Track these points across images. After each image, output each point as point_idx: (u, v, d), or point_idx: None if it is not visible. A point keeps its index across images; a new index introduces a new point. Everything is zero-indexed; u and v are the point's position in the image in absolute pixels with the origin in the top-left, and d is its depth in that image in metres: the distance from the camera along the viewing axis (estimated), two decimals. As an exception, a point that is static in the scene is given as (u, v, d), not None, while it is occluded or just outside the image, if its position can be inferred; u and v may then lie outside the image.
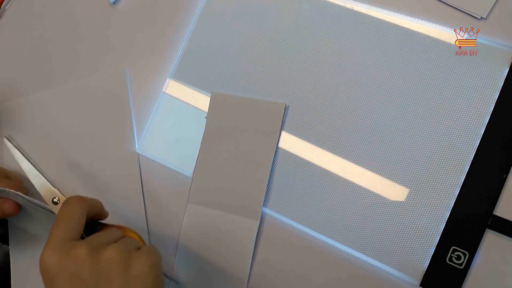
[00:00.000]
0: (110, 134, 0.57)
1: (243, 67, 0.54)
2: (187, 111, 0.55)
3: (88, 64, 0.60)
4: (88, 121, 0.58)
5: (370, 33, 0.51)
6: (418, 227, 0.45)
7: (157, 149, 0.55)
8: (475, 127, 0.46)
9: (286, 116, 0.51)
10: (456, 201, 0.44)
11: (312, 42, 0.52)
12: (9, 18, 0.65)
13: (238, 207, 0.50)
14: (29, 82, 0.62)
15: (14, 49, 0.64)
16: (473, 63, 0.47)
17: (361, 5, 0.52)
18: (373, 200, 0.47)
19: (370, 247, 0.46)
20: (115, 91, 0.58)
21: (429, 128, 0.47)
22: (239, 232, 0.49)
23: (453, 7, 0.49)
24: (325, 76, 0.51)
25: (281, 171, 0.50)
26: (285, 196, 0.49)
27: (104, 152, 0.56)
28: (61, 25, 0.63)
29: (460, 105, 0.47)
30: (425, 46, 0.49)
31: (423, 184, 0.46)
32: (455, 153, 0.46)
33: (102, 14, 0.61)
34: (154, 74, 0.57)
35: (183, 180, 0.53)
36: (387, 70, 0.49)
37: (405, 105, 0.48)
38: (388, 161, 0.47)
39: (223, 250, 0.49)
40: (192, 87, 0.55)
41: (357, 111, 0.49)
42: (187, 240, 0.51)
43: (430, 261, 0.44)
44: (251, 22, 0.55)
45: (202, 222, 0.51)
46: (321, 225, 0.47)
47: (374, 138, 0.48)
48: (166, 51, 0.58)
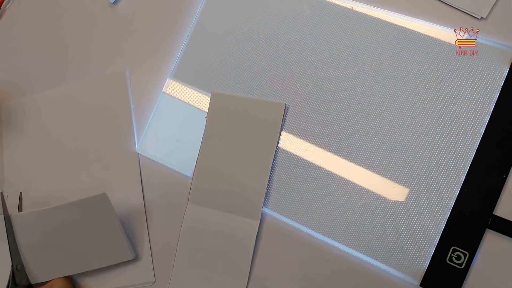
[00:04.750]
0: (110, 134, 0.57)
1: (243, 67, 0.54)
2: (187, 111, 0.55)
3: (88, 64, 0.60)
4: (88, 121, 0.58)
5: (370, 33, 0.51)
6: (418, 227, 0.45)
7: (157, 149, 0.55)
8: (475, 127, 0.46)
9: (286, 116, 0.51)
10: (456, 201, 0.44)
11: (312, 43, 0.52)
12: (9, 18, 0.65)
13: (238, 207, 0.50)
14: (29, 82, 0.62)
15: (14, 49, 0.64)
16: (473, 63, 0.47)
17: (361, 5, 0.52)
18: (373, 200, 0.47)
19: (370, 247, 0.46)
20: (115, 91, 0.58)
21: (429, 128, 0.47)
22: (239, 232, 0.49)
23: (453, 7, 0.49)
24: (325, 76, 0.51)
25: (281, 171, 0.50)
26: (285, 196, 0.49)
27: (104, 152, 0.56)
28: (60, 25, 0.63)
29: (460, 105, 0.47)
30: (425, 46, 0.49)
31: (423, 184, 0.46)
32: (455, 153, 0.46)
33: (102, 14, 0.61)
34: (154, 74, 0.57)
35: (183, 180, 0.53)
36: (387, 70, 0.49)
37: (405, 105, 0.48)
38: (388, 161, 0.47)
39: (223, 250, 0.49)
40: (192, 87, 0.55)
41: (357, 111, 0.49)
42: (187, 240, 0.51)
43: (430, 261, 0.44)
44: (251, 22, 0.55)
45: (202, 222, 0.51)
46: (321, 225, 0.47)
47: (374, 138, 0.48)
48: (166, 51, 0.58)
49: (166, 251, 0.51)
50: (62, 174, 0.57)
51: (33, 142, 0.59)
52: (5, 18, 0.66)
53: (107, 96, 0.58)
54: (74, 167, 0.57)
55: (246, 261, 0.49)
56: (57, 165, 0.57)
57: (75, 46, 0.62)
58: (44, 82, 0.61)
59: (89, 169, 0.56)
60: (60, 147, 0.58)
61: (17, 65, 0.63)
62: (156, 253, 0.52)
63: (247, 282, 0.48)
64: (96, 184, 0.55)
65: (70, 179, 0.56)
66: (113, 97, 0.58)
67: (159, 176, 0.54)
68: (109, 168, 0.56)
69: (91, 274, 0.52)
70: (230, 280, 0.49)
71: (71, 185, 0.56)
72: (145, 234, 0.52)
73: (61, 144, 0.58)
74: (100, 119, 0.57)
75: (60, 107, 0.59)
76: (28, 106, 0.60)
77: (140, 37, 0.59)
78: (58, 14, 0.63)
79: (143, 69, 0.58)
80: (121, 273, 0.52)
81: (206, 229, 0.50)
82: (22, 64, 0.63)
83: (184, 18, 0.58)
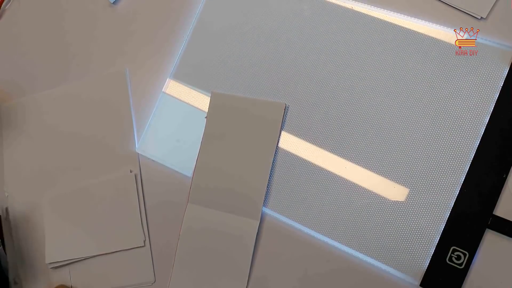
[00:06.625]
0: (110, 134, 0.57)
1: (243, 67, 0.54)
2: (187, 111, 0.55)
3: (88, 64, 0.60)
4: (88, 121, 0.58)
5: (370, 33, 0.51)
6: (418, 227, 0.45)
7: (157, 149, 0.55)
8: (475, 127, 0.46)
9: (286, 116, 0.51)
10: (456, 201, 0.44)
11: (312, 42, 0.52)
12: (9, 18, 0.65)
13: (238, 207, 0.50)
14: (30, 82, 0.62)
15: (14, 49, 0.64)
16: (473, 63, 0.47)
17: (361, 5, 0.52)
18: (373, 200, 0.47)
19: (370, 247, 0.46)
20: (115, 91, 0.58)
21: (429, 128, 0.47)
22: (239, 232, 0.49)
23: (453, 7, 0.49)
24: (325, 76, 0.51)
25: (281, 171, 0.50)
26: (285, 196, 0.49)
27: (104, 152, 0.56)
28: (61, 25, 0.63)
29: (460, 105, 0.47)
30: (425, 46, 0.49)
31: (423, 184, 0.46)
32: (455, 153, 0.46)
33: (102, 14, 0.61)
34: (154, 74, 0.57)
35: (183, 180, 0.53)
36: (387, 70, 0.49)
37: (405, 105, 0.48)
38: (388, 161, 0.47)
39: (223, 250, 0.49)
40: (192, 87, 0.55)
41: (357, 111, 0.49)
42: (187, 240, 0.51)
43: (430, 261, 0.44)
44: (251, 22, 0.55)
45: (202, 222, 0.51)
46: (321, 225, 0.47)
47: (374, 138, 0.48)
48: (166, 51, 0.58)
49: (166, 251, 0.52)
50: (62, 174, 0.57)
51: (33, 142, 0.59)
52: (5, 18, 0.66)
53: (107, 96, 0.58)
54: (74, 167, 0.57)
55: (246, 261, 0.49)
56: (57, 165, 0.57)
57: (75, 46, 0.62)
58: (44, 82, 0.61)
59: (89, 169, 0.56)
60: (60, 147, 0.58)
61: (18, 65, 0.63)
62: (156, 253, 0.52)
63: (247, 282, 0.48)
64: (95, 183, 0.55)
65: (70, 179, 0.56)
66: (113, 97, 0.58)
67: (159, 176, 0.54)
68: (109, 168, 0.56)
69: (91, 274, 0.52)
70: (230, 280, 0.49)
71: (70, 186, 0.56)
72: (144, 234, 0.52)
73: (61, 144, 0.58)
74: (100, 119, 0.58)
75: (60, 107, 0.59)
76: (29, 106, 0.60)
77: (140, 37, 0.59)
78: (58, 14, 0.63)
79: (143, 69, 0.58)
80: (121, 273, 0.52)
81: (206, 229, 0.50)
82: (22, 64, 0.63)
83: (184, 18, 0.58)
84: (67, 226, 0.54)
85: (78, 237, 0.54)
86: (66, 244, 0.54)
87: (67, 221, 0.54)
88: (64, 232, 0.54)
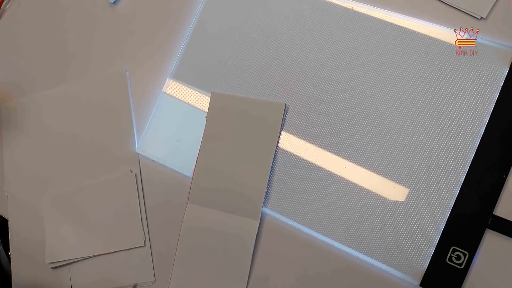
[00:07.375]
0: (110, 134, 0.57)
1: (243, 67, 0.54)
2: (187, 111, 0.55)
3: (88, 64, 0.60)
4: (88, 121, 0.58)
5: (370, 33, 0.51)
6: (418, 227, 0.45)
7: (157, 149, 0.55)
8: (475, 127, 0.46)
9: (286, 116, 0.51)
10: (456, 201, 0.44)
11: (312, 42, 0.52)
12: (9, 18, 0.65)
13: (238, 207, 0.50)
14: (29, 82, 0.62)
15: (14, 49, 0.64)
16: (473, 63, 0.47)
17: (361, 5, 0.52)
18: (373, 200, 0.47)
19: (370, 247, 0.46)
20: (115, 91, 0.58)
21: (429, 128, 0.47)
22: (239, 232, 0.49)
23: (453, 7, 0.49)
24: (325, 76, 0.51)
25: (281, 171, 0.50)
26: (285, 196, 0.49)
27: (104, 152, 0.56)
28: (60, 25, 0.63)
29: (460, 105, 0.47)
30: (425, 46, 0.49)
31: (423, 184, 0.46)
32: (455, 153, 0.46)
33: (102, 14, 0.61)
34: (154, 74, 0.57)
35: (183, 180, 0.53)
36: (387, 70, 0.49)
37: (405, 104, 0.48)
38: (388, 161, 0.47)
39: (223, 250, 0.49)
40: (192, 87, 0.55)
41: (357, 111, 0.49)
42: (187, 240, 0.51)
43: (430, 261, 0.44)
44: (251, 22, 0.55)
45: (202, 222, 0.51)
46: (321, 225, 0.47)
47: (374, 138, 0.48)
48: (166, 51, 0.58)
49: (166, 251, 0.52)
50: (62, 174, 0.57)
51: (33, 142, 0.59)
52: (5, 18, 0.66)
53: (107, 96, 0.58)
54: (74, 167, 0.57)
55: (246, 261, 0.49)
56: (57, 165, 0.57)
57: (75, 46, 0.62)
58: (44, 82, 0.61)
59: (89, 169, 0.56)
60: (60, 147, 0.58)
61: (17, 65, 0.63)
62: (156, 253, 0.52)
63: (247, 282, 0.48)
64: (95, 183, 0.55)
65: (70, 179, 0.56)
66: (113, 97, 0.58)
67: (159, 176, 0.54)
68: (109, 168, 0.56)
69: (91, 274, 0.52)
70: (230, 280, 0.49)
71: (70, 185, 0.56)
72: (145, 234, 0.52)
73: (61, 144, 0.58)
74: (100, 119, 0.58)
75: (60, 107, 0.59)
76: (28, 106, 0.60)
77: (140, 37, 0.59)
78: (58, 14, 0.63)
79: (143, 69, 0.58)
80: (121, 273, 0.52)
81: (206, 229, 0.50)
82: (22, 64, 0.63)
83: (184, 18, 0.58)
84: (67, 226, 0.54)
85: (78, 237, 0.54)
86: (66, 244, 0.54)
87: (67, 221, 0.54)
88: (64, 232, 0.54)
